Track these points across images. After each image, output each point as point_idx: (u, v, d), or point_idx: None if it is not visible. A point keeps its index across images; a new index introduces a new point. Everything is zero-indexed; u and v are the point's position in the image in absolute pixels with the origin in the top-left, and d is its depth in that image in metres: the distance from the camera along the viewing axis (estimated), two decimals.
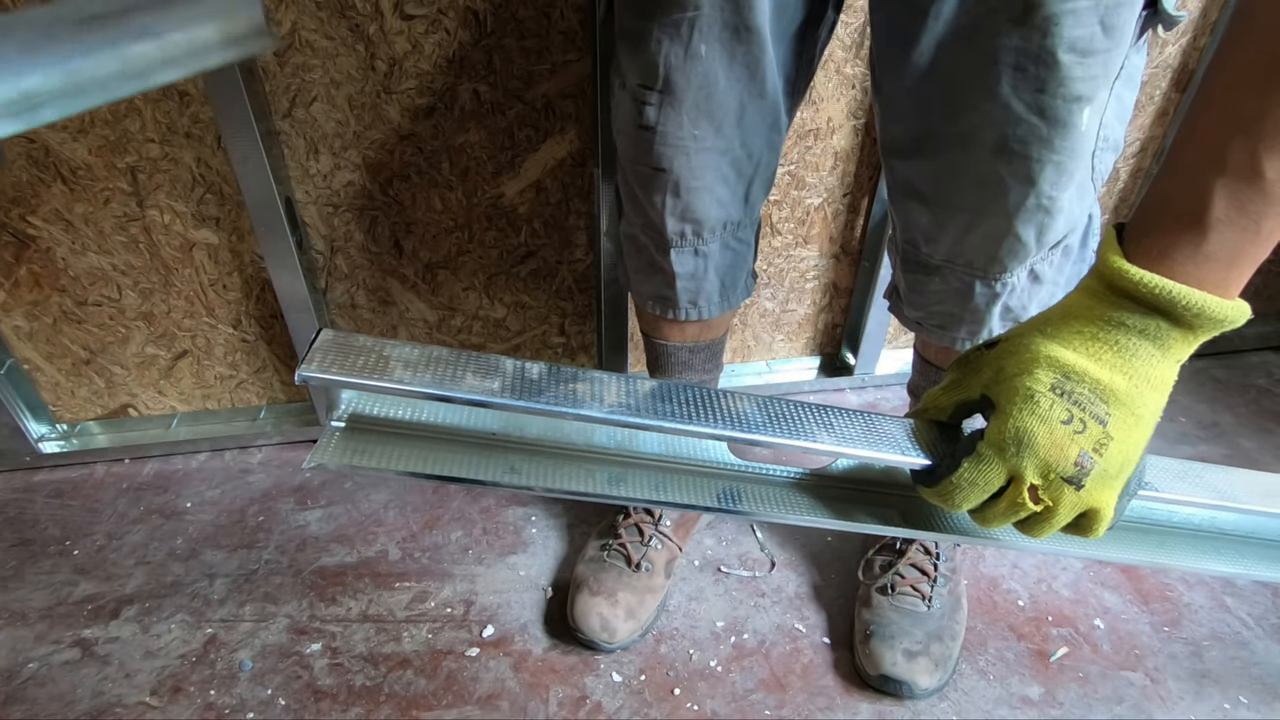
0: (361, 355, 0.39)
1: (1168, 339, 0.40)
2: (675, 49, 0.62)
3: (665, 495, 0.48)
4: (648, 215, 0.74)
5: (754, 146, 0.70)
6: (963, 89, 0.59)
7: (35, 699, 0.84)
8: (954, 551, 0.93)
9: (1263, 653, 0.93)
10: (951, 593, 0.91)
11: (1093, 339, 0.41)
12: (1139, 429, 0.41)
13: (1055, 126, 0.57)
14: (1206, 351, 1.41)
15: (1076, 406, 0.40)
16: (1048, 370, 0.41)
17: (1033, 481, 0.41)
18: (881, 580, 0.90)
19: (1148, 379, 0.41)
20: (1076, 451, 0.40)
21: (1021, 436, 0.40)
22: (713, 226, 0.74)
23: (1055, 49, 0.53)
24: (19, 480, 1.12)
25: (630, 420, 0.40)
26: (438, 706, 0.84)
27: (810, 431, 0.44)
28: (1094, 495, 0.41)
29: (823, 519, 0.49)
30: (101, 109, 0.88)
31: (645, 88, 0.65)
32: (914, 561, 0.90)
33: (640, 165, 0.70)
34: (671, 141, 0.66)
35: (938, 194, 0.66)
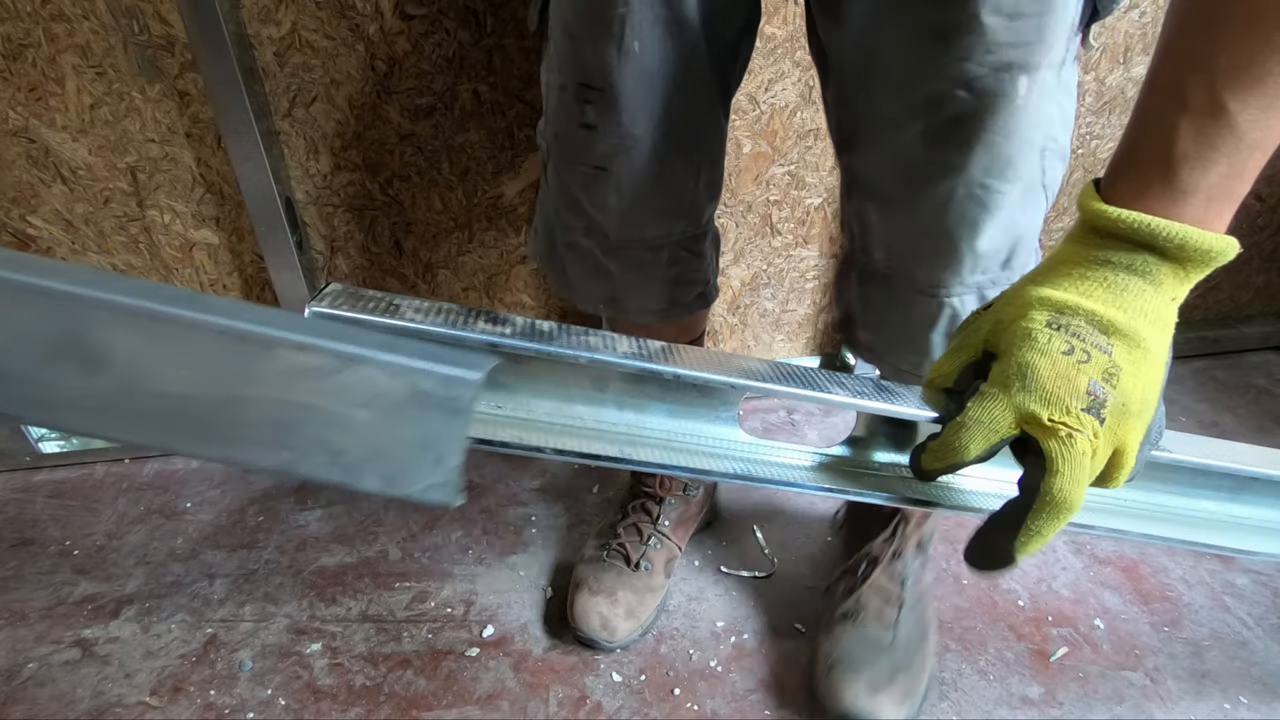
0: (372, 301, 0.39)
1: (1157, 274, 0.40)
2: (610, 46, 0.61)
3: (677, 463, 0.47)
4: (590, 217, 0.72)
5: (695, 148, 0.69)
6: (888, 67, 0.57)
7: (35, 699, 0.84)
8: (922, 573, 0.88)
9: (1263, 653, 0.93)
10: (919, 620, 0.85)
11: (1081, 278, 0.41)
12: (1147, 362, 0.40)
13: (985, 99, 0.54)
14: (1206, 351, 1.42)
15: (1075, 338, 0.40)
16: (1041, 310, 0.41)
17: (1051, 416, 0.39)
18: (843, 606, 0.86)
19: (1143, 312, 0.40)
20: (1085, 381, 0.39)
21: (1024, 371, 0.39)
22: (658, 232, 0.72)
23: (979, 11, 0.51)
24: (19, 480, 1.12)
25: (644, 366, 0.39)
26: (438, 706, 0.84)
27: (823, 386, 0.44)
28: (1118, 431, 0.40)
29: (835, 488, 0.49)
30: (102, 109, 0.88)
31: (585, 86, 0.64)
32: (878, 586, 0.85)
33: (581, 165, 0.69)
34: (612, 140, 0.65)
35: (875, 186, 0.64)
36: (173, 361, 0.32)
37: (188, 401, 0.33)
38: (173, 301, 0.32)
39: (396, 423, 0.35)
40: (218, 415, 0.34)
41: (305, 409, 0.34)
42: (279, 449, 0.35)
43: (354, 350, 0.33)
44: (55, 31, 0.82)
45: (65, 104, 0.87)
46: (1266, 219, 1.31)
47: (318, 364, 0.33)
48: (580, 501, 1.10)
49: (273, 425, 0.34)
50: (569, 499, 1.10)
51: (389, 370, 0.34)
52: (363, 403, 0.34)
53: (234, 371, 0.33)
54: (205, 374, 0.33)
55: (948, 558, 1.03)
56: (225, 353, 0.33)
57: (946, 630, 0.94)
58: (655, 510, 0.96)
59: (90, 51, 0.84)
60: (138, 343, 0.32)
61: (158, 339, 0.32)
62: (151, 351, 0.32)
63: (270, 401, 0.34)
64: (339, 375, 0.34)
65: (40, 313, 0.31)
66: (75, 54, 0.84)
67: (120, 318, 0.31)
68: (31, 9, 0.81)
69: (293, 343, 0.33)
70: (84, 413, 0.33)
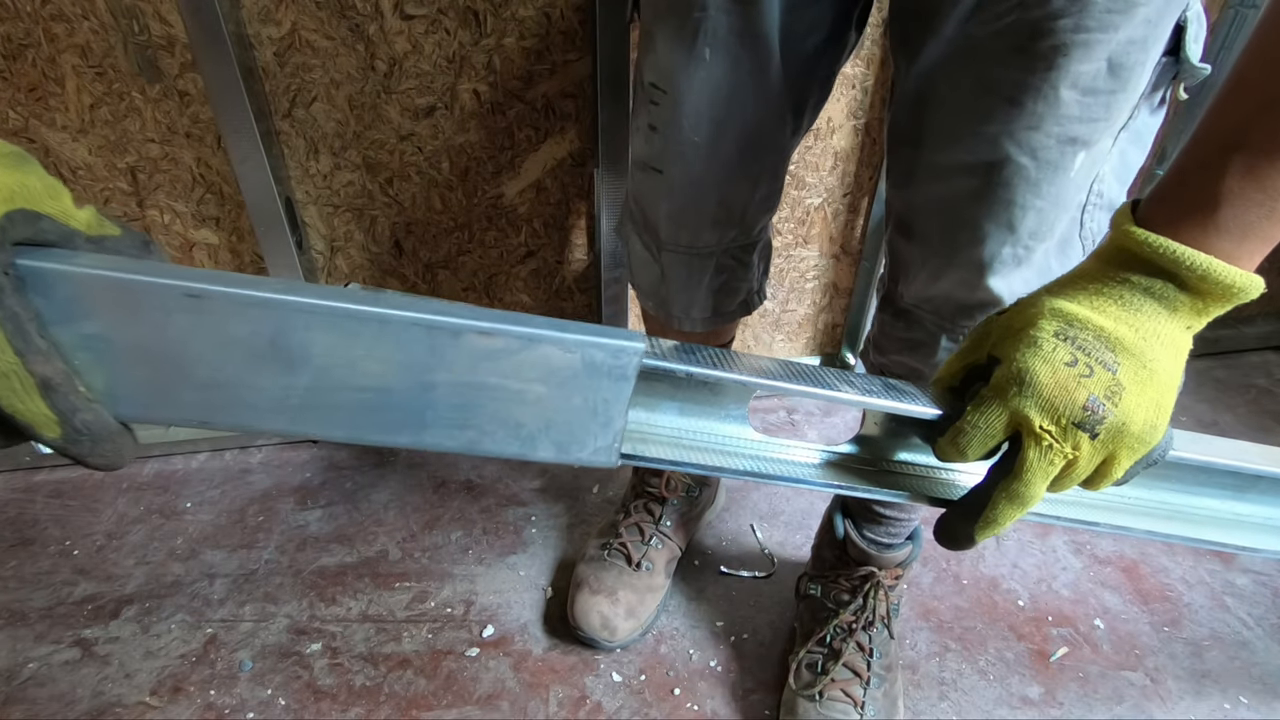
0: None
1: (1175, 301, 0.40)
2: (680, 51, 0.61)
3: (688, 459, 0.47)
4: (646, 215, 0.73)
5: (756, 160, 0.68)
6: (952, 117, 0.56)
7: (35, 699, 0.84)
8: (889, 647, 0.85)
9: (1263, 653, 0.93)
10: (887, 694, 0.82)
11: (1096, 294, 0.41)
12: (1154, 384, 0.40)
13: (1045, 170, 0.53)
14: (1206, 351, 1.42)
15: (1081, 351, 0.39)
16: (1051, 320, 0.41)
17: (1042, 424, 0.39)
18: (808, 680, 0.82)
19: (1156, 335, 0.40)
20: (1085, 395, 0.39)
21: (1023, 376, 0.39)
22: (708, 239, 0.72)
23: (1058, 83, 0.50)
24: (19, 480, 1.12)
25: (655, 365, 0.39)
26: (438, 706, 0.84)
27: (832, 384, 0.44)
28: (1111, 446, 0.40)
29: (845, 485, 0.49)
30: (102, 109, 0.88)
31: (654, 87, 0.65)
32: (847, 661, 0.82)
33: (644, 164, 0.70)
34: (673, 144, 0.66)
35: (917, 228, 0.63)
36: (366, 356, 0.34)
37: (379, 393, 0.35)
38: (362, 300, 0.34)
39: (569, 393, 0.37)
40: (407, 403, 0.36)
41: (488, 389, 0.36)
42: (464, 429, 0.37)
43: (533, 331, 0.35)
44: (55, 31, 0.82)
45: (65, 104, 0.87)
46: None
47: (501, 346, 0.35)
48: (580, 501, 1.10)
49: (458, 407, 0.37)
50: (569, 499, 1.10)
51: (564, 346, 0.36)
52: (540, 378, 0.36)
53: (423, 360, 0.35)
54: (396, 365, 0.35)
55: (948, 558, 1.03)
56: (415, 343, 0.34)
57: (946, 630, 0.94)
58: (658, 510, 0.96)
59: (90, 51, 0.84)
60: (332, 341, 0.34)
61: (352, 336, 0.34)
62: (345, 348, 0.34)
63: (456, 385, 0.36)
64: (519, 355, 0.36)
65: (244, 323, 0.32)
66: (75, 54, 0.84)
67: (316, 319, 0.33)
68: (31, 9, 0.81)
69: (478, 329, 0.35)
70: (284, 413, 0.35)
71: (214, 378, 0.34)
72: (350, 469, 1.14)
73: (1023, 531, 1.07)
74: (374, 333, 0.34)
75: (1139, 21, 0.48)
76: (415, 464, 1.15)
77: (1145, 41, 0.49)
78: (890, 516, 0.81)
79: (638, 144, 0.70)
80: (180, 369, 0.33)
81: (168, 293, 0.31)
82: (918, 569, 1.01)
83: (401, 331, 0.34)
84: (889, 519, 0.81)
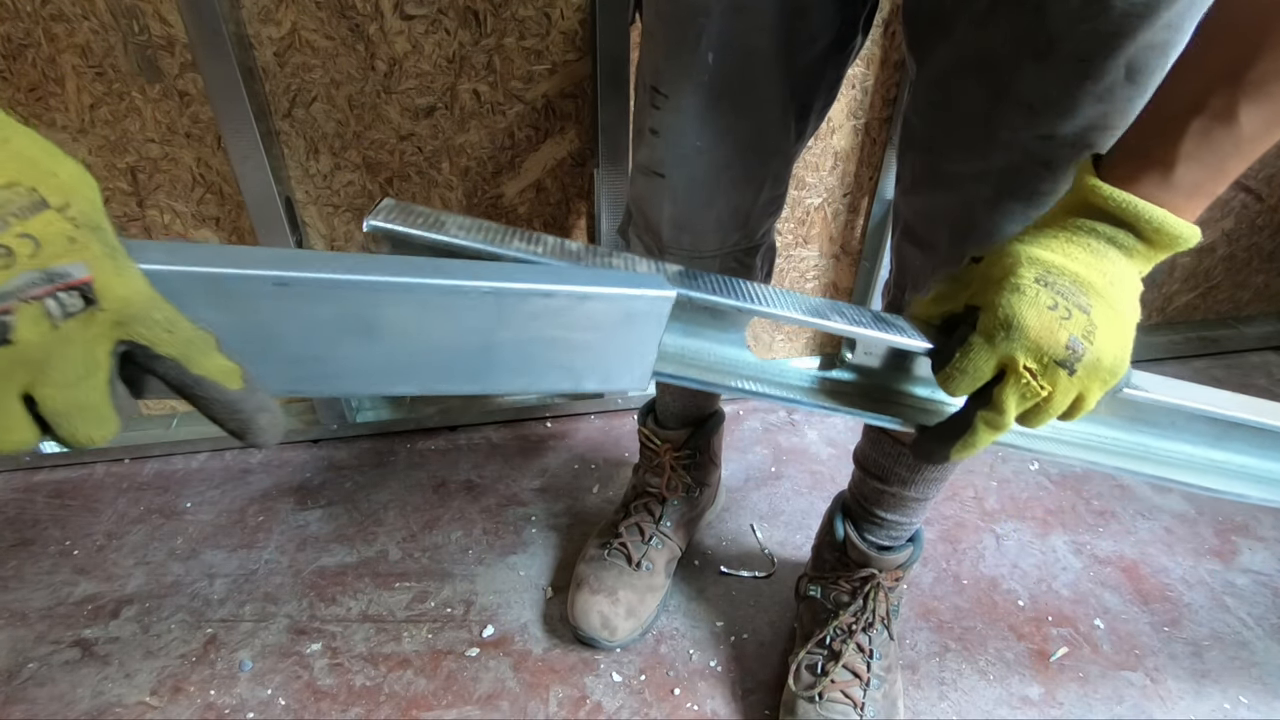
0: (420, 216, 0.44)
1: (1133, 250, 0.44)
2: (683, 54, 0.60)
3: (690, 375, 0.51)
4: (648, 218, 0.73)
5: (759, 165, 0.67)
6: (965, 123, 0.55)
7: (35, 699, 0.84)
8: (889, 648, 0.85)
9: (1263, 653, 0.93)
10: (886, 695, 0.82)
11: (1068, 241, 0.45)
12: (1120, 323, 0.44)
13: (1060, 177, 0.53)
14: (1206, 351, 1.42)
15: (1060, 296, 0.43)
16: (1029, 267, 0.44)
17: (1027, 364, 0.43)
18: (807, 682, 0.82)
19: (1120, 279, 0.44)
20: (1066, 336, 0.42)
21: (1011, 320, 0.42)
22: (710, 243, 0.71)
23: (1075, 89, 0.49)
24: (19, 480, 1.12)
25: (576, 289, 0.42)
26: (438, 706, 0.84)
27: (825, 314, 0.48)
28: (1085, 381, 0.44)
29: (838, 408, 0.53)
30: (102, 109, 0.88)
31: (656, 90, 0.64)
32: (847, 663, 0.82)
33: (646, 168, 0.69)
34: (674, 149, 0.65)
35: (926, 236, 0.63)
36: (436, 322, 0.38)
37: (451, 352, 0.39)
38: (435, 272, 0.37)
39: (612, 337, 0.43)
40: (474, 359, 0.40)
41: (545, 341, 0.41)
42: (522, 375, 0.42)
43: (585, 289, 0.40)
44: (55, 31, 0.82)
45: (65, 104, 0.87)
46: (1266, 219, 1.31)
47: (560, 305, 0.40)
48: (580, 501, 1.10)
49: (519, 358, 0.41)
50: (569, 499, 1.10)
51: (610, 300, 0.41)
52: (589, 327, 0.42)
53: (491, 322, 0.39)
54: (464, 328, 0.39)
55: (947, 558, 1.03)
56: (484, 308, 0.38)
57: (947, 630, 0.94)
58: (658, 510, 0.96)
59: (90, 51, 0.84)
60: (409, 313, 0.37)
61: (426, 307, 0.37)
62: (420, 317, 0.38)
63: (518, 340, 0.40)
64: (573, 311, 0.40)
65: (328, 303, 0.36)
66: (75, 54, 0.84)
67: (394, 295, 0.36)
68: (31, 9, 0.81)
69: (541, 292, 0.39)
70: (365, 376, 0.39)
71: (300, 352, 0.37)
72: (350, 469, 1.14)
73: (1023, 531, 1.07)
74: (446, 303, 0.38)
75: (1159, 26, 0.47)
76: (415, 464, 1.15)
77: (1165, 46, 0.49)
78: (891, 520, 0.81)
79: (639, 147, 0.70)
80: (271, 345, 0.36)
81: (258, 282, 0.34)
82: (918, 569, 1.01)
83: (474, 299, 0.38)
84: (890, 522, 0.81)
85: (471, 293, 0.38)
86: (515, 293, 0.39)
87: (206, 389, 0.32)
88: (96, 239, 0.28)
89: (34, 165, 0.27)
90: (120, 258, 0.29)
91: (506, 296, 0.39)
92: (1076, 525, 1.08)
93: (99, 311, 0.28)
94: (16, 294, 0.25)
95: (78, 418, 0.29)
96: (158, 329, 0.30)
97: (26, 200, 0.26)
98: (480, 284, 0.38)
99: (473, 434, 1.20)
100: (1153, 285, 1.33)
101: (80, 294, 0.27)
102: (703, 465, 0.99)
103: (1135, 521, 1.09)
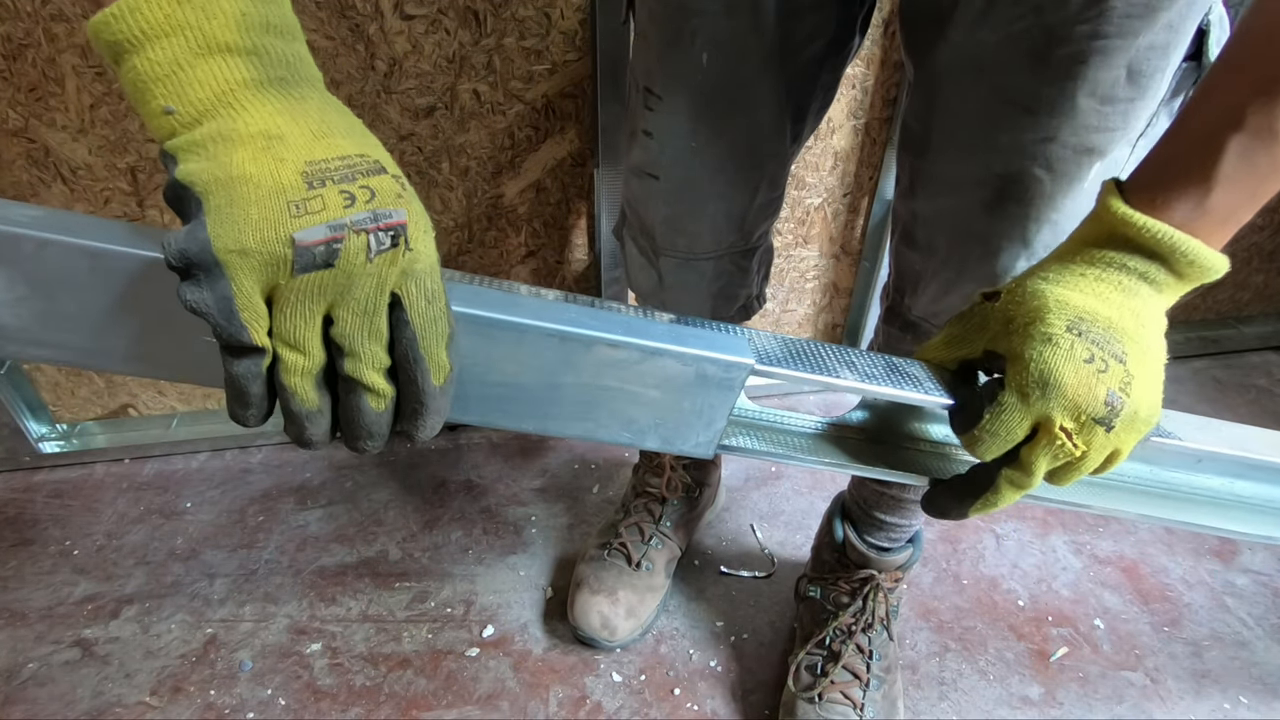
0: None
1: (1163, 284, 0.41)
2: (677, 55, 0.60)
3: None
4: (643, 220, 0.72)
5: (754, 167, 0.66)
6: (964, 127, 0.54)
7: (35, 699, 0.84)
8: (888, 649, 0.85)
9: (1263, 653, 0.93)
10: (886, 695, 0.82)
11: (1097, 280, 0.41)
12: (1154, 369, 0.41)
13: (1060, 182, 0.52)
14: (1206, 351, 1.42)
15: (1096, 346, 0.39)
16: (1059, 313, 0.40)
17: (1064, 424, 0.39)
18: (807, 683, 0.82)
19: (1150, 318, 0.41)
20: (1104, 391, 0.39)
21: (1047, 378, 0.39)
22: (705, 245, 0.71)
23: (1075, 92, 0.48)
24: (19, 480, 1.12)
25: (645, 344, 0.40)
26: (438, 706, 0.84)
27: (833, 368, 0.44)
28: (1123, 436, 0.40)
29: (840, 463, 0.50)
30: (102, 109, 0.88)
31: (649, 92, 0.63)
32: (846, 664, 0.82)
33: (640, 170, 0.68)
34: (667, 150, 0.64)
35: (925, 240, 0.62)
36: (504, 357, 0.38)
37: (513, 388, 0.39)
38: (502, 307, 0.37)
39: (680, 398, 0.41)
40: (536, 397, 0.40)
41: (609, 390, 0.41)
42: (583, 420, 0.42)
43: (656, 345, 0.39)
44: (55, 31, 0.82)
45: (65, 104, 0.87)
46: (1266, 219, 1.31)
47: (625, 357, 0.39)
48: (580, 501, 1.10)
49: (581, 404, 0.41)
50: (569, 499, 1.10)
51: (682, 359, 0.40)
52: (656, 385, 0.41)
53: (554, 364, 0.39)
54: (530, 366, 0.39)
55: (947, 558, 1.03)
56: (549, 350, 0.38)
57: (947, 630, 0.94)
58: (658, 510, 0.96)
59: (90, 51, 0.84)
60: (474, 344, 0.37)
61: (492, 340, 0.38)
62: (486, 350, 0.38)
63: (582, 386, 0.40)
64: (641, 365, 0.40)
65: None
66: (75, 54, 0.84)
67: (463, 325, 0.36)
68: (31, 9, 0.81)
69: (608, 341, 0.39)
70: None
71: None
72: (350, 469, 1.14)
73: (1023, 531, 1.07)
74: (513, 339, 0.38)
75: (1160, 27, 0.47)
76: (415, 464, 1.15)
77: (1166, 47, 0.48)
78: (891, 522, 0.81)
79: (632, 149, 0.69)
80: None
81: None
82: (917, 569, 1.01)
83: (538, 339, 0.38)
84: (889, 524, 0.81)
85: (535, 333, 0.38)
86: (582, 339, 0.38)
87: (419, 372, 0.34)
88: (416, 201, 0.33)
89: (376, 146, 0.34)
90: (427, 222, 0.34)
91: (573, 341, 0.38)
92: (1076, 525, 1.08)
93: (400, 255, 0.32)
94: (350, 225, 0.31)
95: (357, 338, 0.32)
96: (423, 295, 0.33)
97: (370, 165, 0.32)
98: (545, 325, 0.38)
99: (473, 434, 1.20)
100: None
101: (393, 235, 0.32)
102: (702, 465, 0.99)
103: (1135, 521, 1.09)
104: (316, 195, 0.30)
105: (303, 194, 0.30)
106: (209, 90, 0.31)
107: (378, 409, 0.34)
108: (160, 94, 0.31)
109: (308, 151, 0.31)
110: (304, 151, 0.31)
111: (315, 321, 0.32)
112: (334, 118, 0.33)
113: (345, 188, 0.31)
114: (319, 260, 0.30)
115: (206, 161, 0.31)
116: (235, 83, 0.31)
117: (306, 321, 0.32)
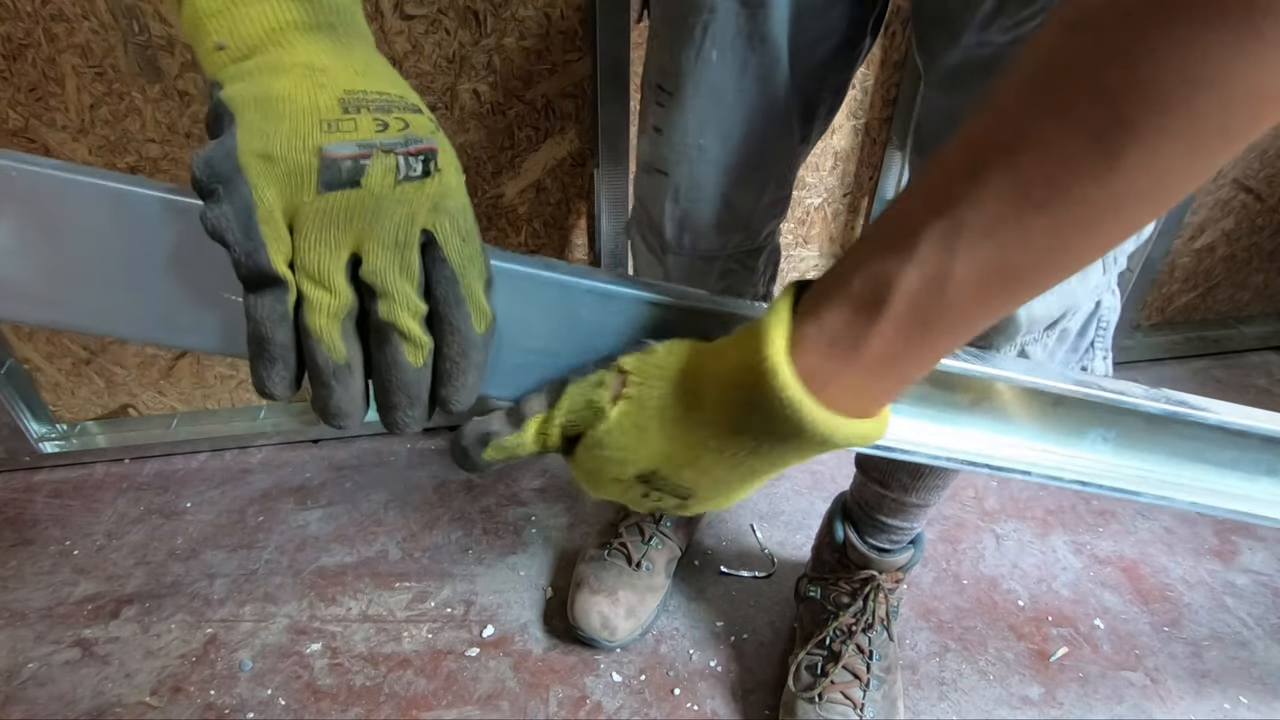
0: None
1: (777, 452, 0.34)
2: (687, 51, 0.60)
3: None
4: (651, 216, 0.73)
5: (762, 166, 0.67)
6: None
7: (35, 699, 0.84)
8: (889, 649, 0.85)
9: (1263, 653, 0.93)
10: (886, 696, 0.82)
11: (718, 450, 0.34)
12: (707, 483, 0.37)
13: None
14: (1206, 351, 1.42)
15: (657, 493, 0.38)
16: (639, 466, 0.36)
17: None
18: (807, 683, 0.82)
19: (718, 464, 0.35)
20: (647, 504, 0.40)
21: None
22: (712, 243, 0.71)
23: None
24: (19, 480, 1.12)
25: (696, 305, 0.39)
26: (438, 706, 0.84)
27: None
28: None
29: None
30: (102, 109, 0.88)
31: (660, 88, 0.64)
32: (846, 664, 0.82)
33: (649, 166, 0.69)
34: (677, 147, 0.65)
35: None
36: (540, 318, 0.37)
37: (544, 355, 0.38)
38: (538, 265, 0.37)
39: None
40: (569, 364, 0.38)
41: None
42: None
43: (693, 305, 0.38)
44: (55, 31, 0.82)
45: (65, 104, 0.87)
46: (1266, 219, 1.31)
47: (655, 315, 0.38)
48: (580, 501, 1.10)
49: None
50: (569, 499, 1.10)
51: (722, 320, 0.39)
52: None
53: (592, 327, 0.38)
54: (566, 330, 0.38)
55: (947, 558, 1.03)
56: (585, 308, 0.37)
57: (947, 630, 0.94)
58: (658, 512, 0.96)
59: (90, 51, 0.84)
60: (510, 304, 0.36)
61: (531, 301, 0.37)
62: (522, 311, 0.37)
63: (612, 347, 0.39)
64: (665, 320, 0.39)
65: None
66: (75, 54, 0.84)
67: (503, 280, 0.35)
68: (31, 9, 0.81)
69: (648, 300, 0.38)
70: None
71: None
72: (350, 469, 1.14)
73: (1023, 531, 1.07)
74: (553, 296, 0.37)
75: None
76: (415, 464, 1.15)
77: None
78: (893, 525, 0.81)
79: (643, 145, 0.70)
80: None
81: None
82: (918, 569, 1.01)
83: (580, 297, 0.37)
84: (891, 526, 0.81)
85: (575, 289, 0.37)
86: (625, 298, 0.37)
87: (459, 316, 0.33)
88: (450, 146, 0.34)
89: (417, 97, 0.35)
90: (459, 165, 0.34)
91: (616, 300, 0.37)
92: (1076, 525, 1.08)
93: (430, 183, 0.32)
94: (380, 146, 0.31)
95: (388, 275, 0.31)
96: (457, 233, 0.33)
97: (409, 104, 0.33)
98: (587, 283, 0.37)
99: None
100: (1153, 285, 1.33)
101: (423, 161, 0.32)
102: None
103: (1135, 521, 1.09)
104: (350, 119, 0.31)
105: (337, 115, 0.31)
106: (260, 26, 0.32)
107: (415, 363, 0.32)
108: (214, 29, 0.32)
109: (348, 83, 0.32)
110: (345, 82, 0.32)
111: (341, 253, 0.31)
112: (378, 65, 0.34)
113: (380, 116, 0.32)
114: (344, 177, 0.30)
115: (249, 84, 0.31)
116: (285, 23, 0.32)
117: (331, 251, 0.31)
